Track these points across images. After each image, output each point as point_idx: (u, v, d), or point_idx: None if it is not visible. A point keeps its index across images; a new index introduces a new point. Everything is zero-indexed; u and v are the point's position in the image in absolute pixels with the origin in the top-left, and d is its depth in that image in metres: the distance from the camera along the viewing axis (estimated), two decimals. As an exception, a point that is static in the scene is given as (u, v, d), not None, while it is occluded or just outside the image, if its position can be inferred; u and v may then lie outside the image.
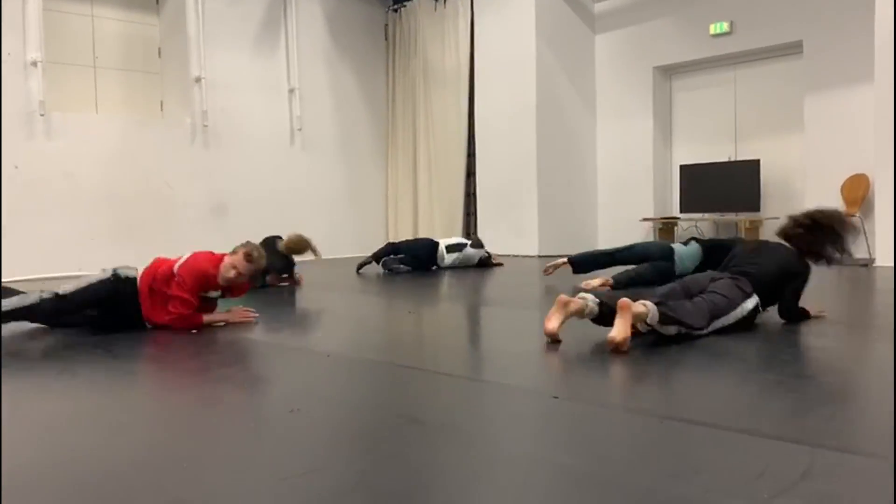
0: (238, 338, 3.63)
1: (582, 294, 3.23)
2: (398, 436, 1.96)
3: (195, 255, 3.95)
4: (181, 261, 3.89)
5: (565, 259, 5.77)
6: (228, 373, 2.95)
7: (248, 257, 3.88)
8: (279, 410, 2.26)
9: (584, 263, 5.72)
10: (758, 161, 8.07)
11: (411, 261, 7.31)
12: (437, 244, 7.56)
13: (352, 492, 1.58)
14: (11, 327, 3.73)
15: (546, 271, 5.79)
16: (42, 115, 7.44)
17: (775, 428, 1.93)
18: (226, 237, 8.23)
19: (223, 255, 3.96)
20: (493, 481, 1.64)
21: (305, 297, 5.64)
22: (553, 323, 3.10)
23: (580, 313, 3.13)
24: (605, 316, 3.11)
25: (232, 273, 3.84)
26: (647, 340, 3.37)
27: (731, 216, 8.27)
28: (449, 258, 7.47)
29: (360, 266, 7.32)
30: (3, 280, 6.73)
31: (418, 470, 1.72)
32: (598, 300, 3.15)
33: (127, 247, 7.32)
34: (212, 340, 3.66)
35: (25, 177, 7.36)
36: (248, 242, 4.06)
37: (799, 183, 7.92)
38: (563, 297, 3.17)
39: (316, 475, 1.68)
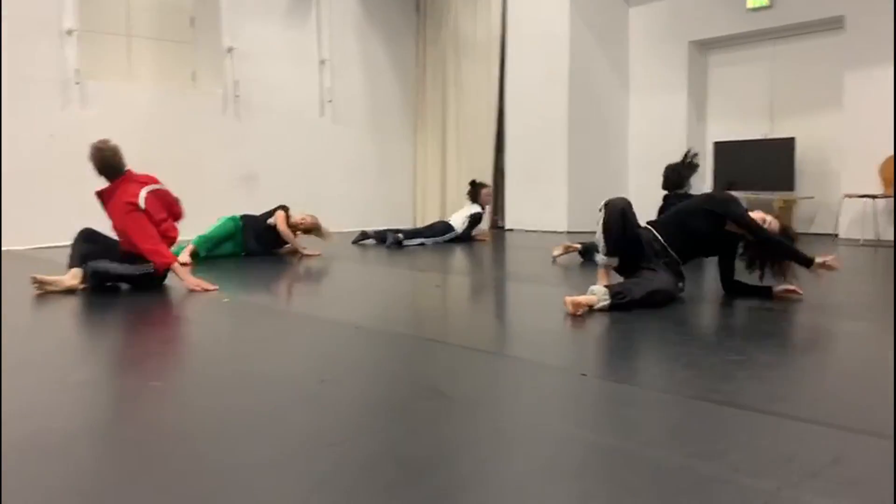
0: (268, 309, 3.67)
1: (592, 289, 3.35)
2: (425, 408, 1.98)
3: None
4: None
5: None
6: (259, 343, 2.99)
7: None
8: (309, 381, 2.29)
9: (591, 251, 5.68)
10: (793, 139, 7.92)
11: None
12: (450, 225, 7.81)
13: (380, 462, 1.60)
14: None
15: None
16: (77, 83, 7.52)
17: (807, 411, 1.92)
18: (255, 206, 8.33)
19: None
20: (519, 455, 1.65)
21: (333, 269, 5.68)
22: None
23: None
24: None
25: None
26: (677, 321, 3.35)
27: (765, 195, 8.13)
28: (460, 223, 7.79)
29: (358, 240, 7.54)
30: (41, 247, 6.87)
31: (445, 442, 1.73)
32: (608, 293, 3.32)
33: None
34: (241, 310, 3.70)
35: (60, 145, 7.47)
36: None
37: (835, 162, 7.76)
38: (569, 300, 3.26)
39: (345, 445, 1.70)
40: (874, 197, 7.09)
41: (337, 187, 9.39)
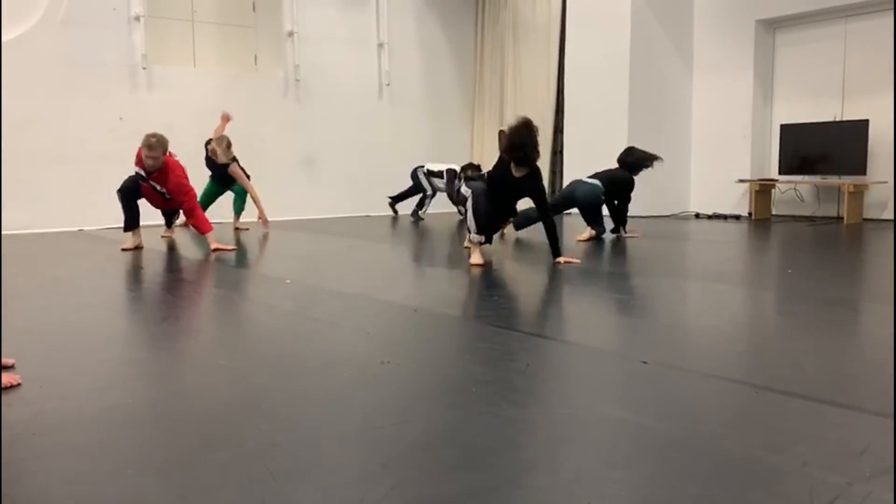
0: (328, 290, 3.73)
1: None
2: (485, 393, 1.99)
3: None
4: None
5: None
6: (322, 324, 3.04)
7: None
8: (371, 362, 2.32)
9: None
10: (866, 121, 7.61)
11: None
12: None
13: (440, 445, 1.62)
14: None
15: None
16: (144, 67, 7.73)
17: (878, 404, 1.86)
18: (313, 188, 8.44)
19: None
20: (580, 443, 1.64)
21: (389, 251, 5.72)
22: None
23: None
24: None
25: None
26: (744, 308, 3.28)
27: (833, 179, 7.86)
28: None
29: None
30: (112, 227, 7.11)
31: (506, 426, 1.74)
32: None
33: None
34: (303, 291, 3.77)
35: (129, 127, 7.69)
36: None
37: (911, 145, 7.44)
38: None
39: (406, 426, 1.72)
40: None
41: (395, 170, 9.43)
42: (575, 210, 6.54)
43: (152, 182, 5.65)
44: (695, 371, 2.21)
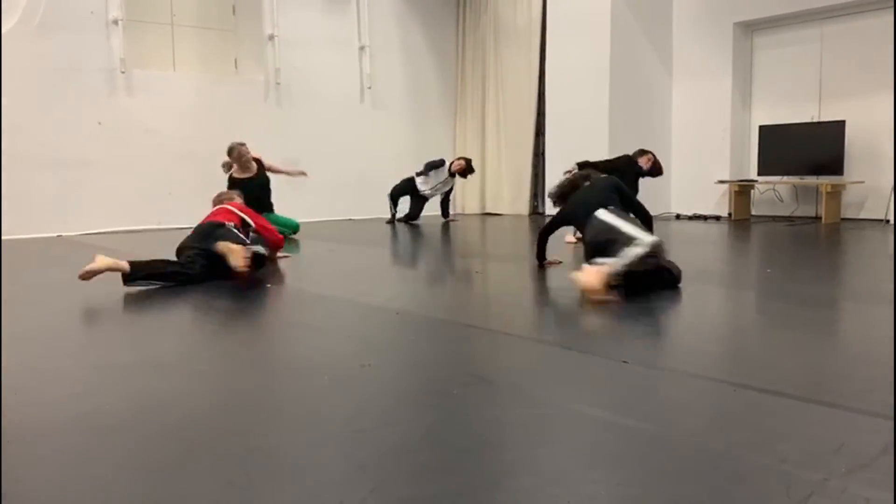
0: (310, 294, 3.72)
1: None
2: (466, 394, 1.99)
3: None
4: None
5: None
6: (303, 328, 3.03)
7: None
8: (351, 365, 2.31)
9: None
10: (843, 122, 7.70)
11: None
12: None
13: (421, 447, 1.61)
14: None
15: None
16: (123, 72, 7.67)
17: (855, 401, 1.88)
18: (295, 192, 8.41)
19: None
20: (560, 443, 1.65)
21: (373, 254, 5.71)
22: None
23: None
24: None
25: None
26: (724, 307, 3.31)
27: (811, 179, 7.95)
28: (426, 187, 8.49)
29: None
30: (90, 232, 7.03)
31: (486, 428, 1.74)
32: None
33: (204, 202, 7.51)
34: (284, 295, 3.76)
35: (108, 132, 7.63)
36: None
37: (887, 146, 7.53)
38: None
39: (387, 429, 1.72)
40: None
41: (377, 173, 9.43)
42: None
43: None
44: (675, 370, 2.22)
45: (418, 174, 8.62)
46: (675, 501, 1.33)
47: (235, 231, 4.38)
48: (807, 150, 7.94)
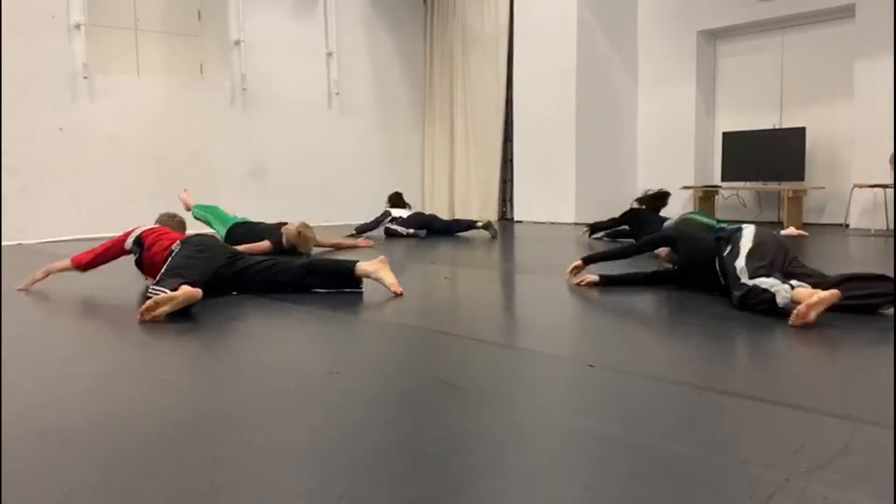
0: (276, 303, 3.69)
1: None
2: (435, 400, 1.99)
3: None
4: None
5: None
6: (269, 336, 3.00)
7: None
8: (319, 373, 2.30)
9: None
10: (804, 129, 7.88)
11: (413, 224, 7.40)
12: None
13: (390, 454, 1.61)
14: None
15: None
16: (85, 77, 7.56)
17: (815, 402, 1.92)
18: (263, 199, 8.34)
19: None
20: (528, 447, 1.66)
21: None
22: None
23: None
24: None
25: None
26: (684, 310, 3.35)
27: (773, 185, 8.10)
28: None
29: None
30: (50, 240, 6.90)
31: (456, 434, 1.74)
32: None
33: (168, 208, 7.41)
34: (247, 306, 3.72)
35: (70, 138, 7.51)
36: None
37: (846, 152, 7.72)
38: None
39: (355, 436, 1.71)
40: (885, 187, 7.05)
41: (345, 179, 9.40)
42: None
43: None
44: (640, 374, 2.25)
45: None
46: (640, 504, 1.35)
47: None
48: (769, 156, 8.09)
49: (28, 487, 1.47)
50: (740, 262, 3.18)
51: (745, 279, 3.09)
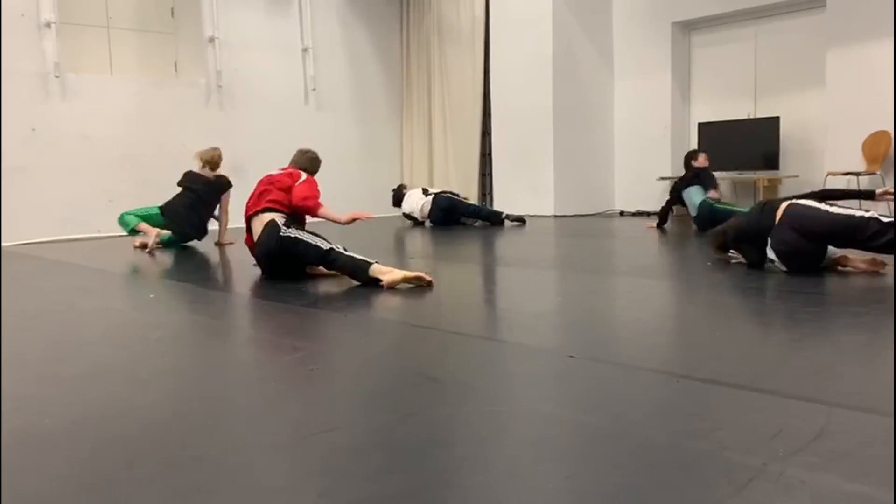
0: (255, 299, 3.67)
1: None
2: (416, 394, 1.99)
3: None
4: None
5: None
6: (247, 333, 2.99)
7: None
8: (298, 369, 2.29)
9: None
10: (777, 118, 7.95)
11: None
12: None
13: (370, 449, 1.61)
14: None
15: None
16: (57, 76, 7.45)
17: (792, 387, 1.94)
18: (241, 197, 8.26)
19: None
20: (509, 438, 1.66)
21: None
22: None
23: None
24: None
25: None
26: (666, 301, 3.38)
27: (749, 174, 8.18)
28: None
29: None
30: (23, 243, 6.81)
31: (436, 427, 1.74)
32: None
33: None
34: (228, 301, 3.70)
35: (42, 138, 7.40)
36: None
37: (819, 140, 7.81)
38: None
39: (335, 433, 1.71)
40: (857, 174, 7.14)
41: (323, 175, 9.33)
42: None
43: None
44: (620, 363, 2.26)
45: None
46: (622, 492, 1.36)
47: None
48: (744, 145, 8.16)
49: (5, 489, 1.45)
50: None
51: None
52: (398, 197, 8.61)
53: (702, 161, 6.94)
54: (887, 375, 2.03)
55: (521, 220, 7.82)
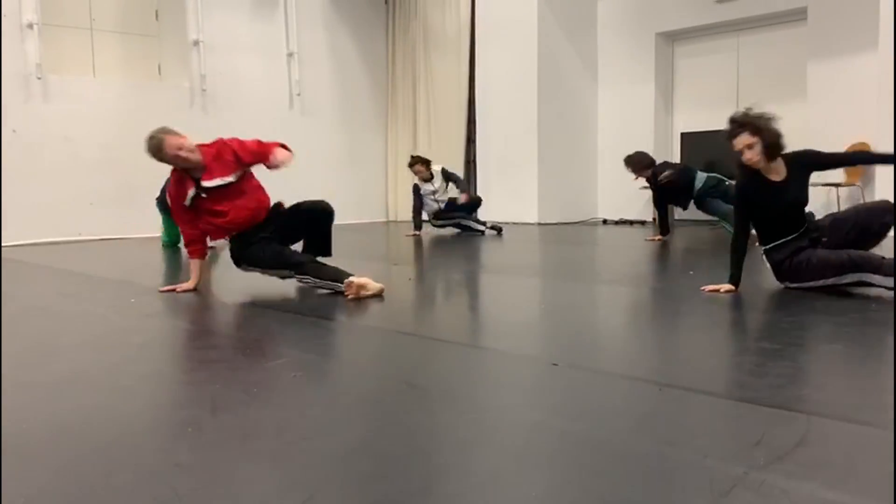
0: (234, 304, 3.65)
1: None
2: (399, 401, 1.99)
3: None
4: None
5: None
6: (229, 339, 2.97)
7: None
8: (281, 375, 2.28)
9: None
10: (759, 129, 8.03)
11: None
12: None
13: (354, 456, 1.60)
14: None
15: None
16: (39, 77, 7.39)
17: (773, 396, 1.96)
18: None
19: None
20: (492, 445, 1.66)
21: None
22: None
23: None
24: None
25: None
26: (650, 309, 3.40)
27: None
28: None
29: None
30: (1, 245, 6.72)
31: (419, 434, 1.74)
32: None
33: (126, 211, 7.31)
34: (208, 306, 3.68)
35: (24, 140, 7.33)
36: None
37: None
38: None
39: (318, 439, 1.70)
40: (838, 185, 7.22)
41: (307, 180, 9.30)
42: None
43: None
44: (603, 371, 2.27)
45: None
46: (604, 500, 1.36)
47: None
48: (726, 155, 8.21)
49: (-19, 498, 1.43)
50: None
51: None
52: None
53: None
54: (868, 385, 2.06)
55: (498, 230, 7.63)
